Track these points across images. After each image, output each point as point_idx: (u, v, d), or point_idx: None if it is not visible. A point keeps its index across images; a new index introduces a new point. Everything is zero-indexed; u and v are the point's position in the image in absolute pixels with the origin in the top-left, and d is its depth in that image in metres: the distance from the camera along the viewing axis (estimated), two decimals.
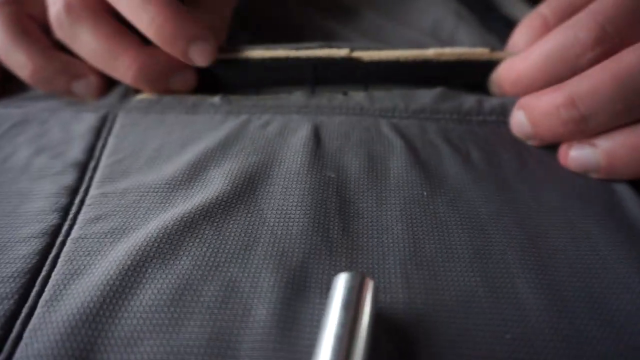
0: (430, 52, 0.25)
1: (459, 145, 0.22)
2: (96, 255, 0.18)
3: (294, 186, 0.20)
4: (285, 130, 0.23)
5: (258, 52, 0.25)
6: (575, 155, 0.21)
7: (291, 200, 0.19)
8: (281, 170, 0.21)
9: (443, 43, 0.34)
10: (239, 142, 0.22)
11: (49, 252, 0.18)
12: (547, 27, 0.24)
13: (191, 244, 0.18)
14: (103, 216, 0.19)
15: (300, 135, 0.22)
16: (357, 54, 0.25)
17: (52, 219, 0.19)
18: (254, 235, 0.18)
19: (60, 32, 0.25)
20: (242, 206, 0.19)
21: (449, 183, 0.20)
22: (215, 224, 0.18)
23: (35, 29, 0.26)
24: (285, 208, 0.19)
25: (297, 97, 0.25)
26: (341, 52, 0.25)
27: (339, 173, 0.21)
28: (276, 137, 0.22)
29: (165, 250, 0.17)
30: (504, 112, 0.24)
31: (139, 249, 0.17)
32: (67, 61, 0.25)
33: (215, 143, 0.22)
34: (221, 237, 0.18)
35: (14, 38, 0.25)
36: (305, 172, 0.21)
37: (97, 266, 0.17)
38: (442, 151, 0.22)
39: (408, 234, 0.18)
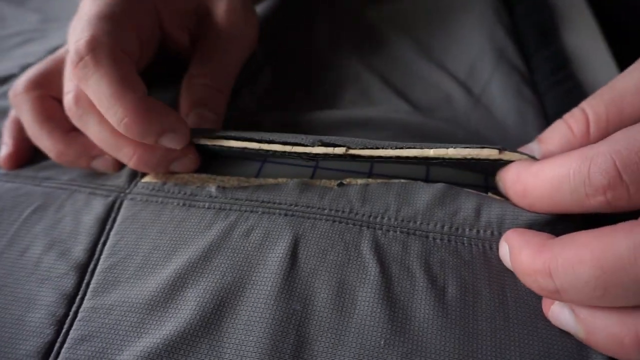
0: (431, 153, 0.24)
1: (437, 275, 0.21)
2: None
3: (258, 319, 0.21)
4: (267, 241, 0.23)
5: (254, 144, 0.25)
6: (556, 313, 0.19)
7: (251, 338, 0.20)
8: (251, 296, 0.21)
9: (472, 98, 0.31)
10: (220, 253, 0.23)
11: None
12: (585, 132, 0.22)
13: None
14: (88, 337, 0.21)
15: (278, 253, 0.23)
16: (354, 152, 0.24)
17: (48, 334, 0.22)
18: None
19: (73, 120, 0.27)
20: (205, 340, 0.20)
21: (412, 329, 0.20)
22: None
23: (57, 112, 0.28)
24: (243, 348, 0.20)
25: (291, 189, 0.25)
26: (337, 150, 0.24)
27: (305, 304, 0.21)
28: (255, 251, 0.23)
29: None
30: (500, 226, 0.22)
31: None
32: (85, 144, 0.28)
33: (198, 253, 0.23)
34: None
35: (40, 125, 0.28)
36: (273, 301, 0.21)
37: None
38: (416, 283, 0.21)
39: None
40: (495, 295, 0.21)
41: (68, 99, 0.26)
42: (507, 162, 0.23)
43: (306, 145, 0.24)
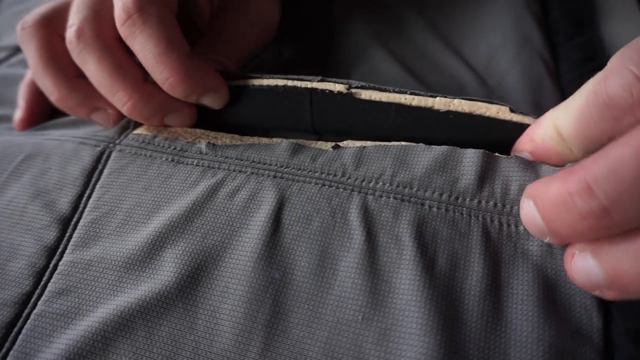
0: (437, 101, 0.22)
1: (428, 245, 0.20)
2: (46, 340, 0.20)
3: (234, 286, 0.20)
4: (251, 203, 0.22)
5: (256, 80, 0.25)
6: (578, 264, 0.17)
7: (226, 305, 0.20)
8: (230, 260, 0.21)
9: (486, 88, 0.29)
10: (203, 214, 0.22)
11: (14, 326, 0.21)
12: None
13: (121, 345, 0.19)
14: (66, 291, 0.21)
15: (261, 217, 0.22)
16: (356, 90, 0.23)
17: (26, 284, 0.22)
18: (178, 344, 0.19)
19: (73, 55, 0.26)
20: (180, 304, 0.20)
21: (393, 303, 0.19)
22: (149, 324, 0.20)
23: (65, 54, 0.26)
24: (217, 314, 0.20)
25: (283, 150, 0.24)
26: (338, 86, 0.23)
27: (284, 272, 0.20)
28: (238, 213, 0.22)
29: (97, 350, 0.19)
30: (504, 198, 0.21)
31: (77, 343, 0.19)
32: (88, 93, 0.27)
33: (180, 213, 0.22)
34: (149, 342, 0.19)
35: (45, 64, 0.27)
36: (252, 267, 0.20)
37: (43, 353, 0.19)
38: (404, 252, 0.20)
39: None
40: (488, 273, 0.19)
41: (70, 32, 0.25)
42: (517, 126, 0.21)
43: (306, 81, 0.24)
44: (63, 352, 0.19)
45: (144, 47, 0.23)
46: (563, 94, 0.29)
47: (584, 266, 0.17)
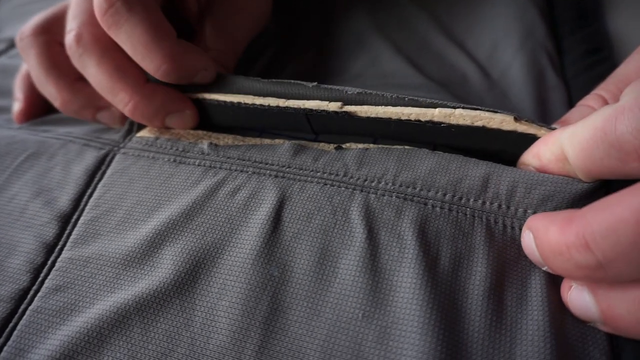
0: (436, 113, 0.22)
1: (431, 243, 0.20)
2: (41, 336, 0.20)
3: (232, 283, 0.20)
4: (251, 202, 0.22)
5: (249, 98, 0.24)
6: (575, 298, 0.17)
7: (224, 302, 0.19)
8: (229, 257, 0.20)
9: (489, 81, 0.29)
10: (203, 212, 0.22)
11: (9, 322, 0.20)
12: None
13: (116, 342, 0.19)
14: (62, 287, 0.21)
15: (261, 215, 0.21)
16: (350, 108, 0.23)
17: (24, 280, 0.21)
18: (174, 341, 0.19)
19: (73, 60, 0.26)
20: (177, 300, 0.20)
21: (394, 301, 0.18)
22: (145, 321, 0.19)
23: (65, 59, 0.27)
24: (214, 312, 0.19)
25: (285, 150, 0.24)
26: (331, 105, 0.23)
27: (283, 270, 0.20)
28: (238, 211, 0.22)
29: (92, 346, 0.19)
30: (509, 200, 0.20)
31: (71, 340, 0.19)
32: (91, 94, 0.27)
33: (180, 211, 0.22)
34: (144, 339, 0.19)
35: (46, 71, 0.27)
36: (250, 265, 0.20)
37: (38, 349, 0.19)
38: (406, 251, 0.19)
39: None
40: (492, 273, 0.19)
41: (69, 38, 0.25)
42: (521, 136, 0.21)
43: (299, 99, 0.23)
44: (57, 348, 0.19)
45: (131, 36, 0.23)
46: (567, 86, 0.28)
47: (580, 300, 0.17)
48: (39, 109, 0.30)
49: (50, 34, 0.28)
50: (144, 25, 0.23)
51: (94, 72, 0.25)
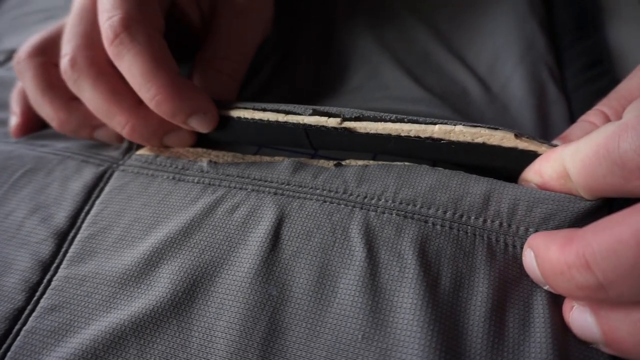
0: (436, 129, 0.21)
1: (432, 263, 0.19)
2: (36, 357, 0.19)
3: (230, 303, 0.19)
4: (250, 219, 0.22)
5: (248, 112, 0.24)
6: (576, 318, 0.17)
7: (221, 322, 0.19)
8: (227, 276, 0.20)
9: (489, 95, 0.29)
10: (201, 230, 0.22)
11: (3, 343, 0.20)
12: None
13: None
14: (58, 307, 0.21)
15: (260, 232, 0.21)
16: (349, 124, 0.22)
17: (19, 300, 0.21)
18: None
19: (69, 84, 0.26)
20: (174, 321, 0.19)
21: (394, 322, 0.18)
22: (142, 342, 0.19)
23: (60, 80, 0.27)
24: (212, 332, 0.19)
25: (285, 168, 0.23)
26: (330, 121, 0.22)
27: (282, 289, 0.20)
28: (237, 229, 0.21)
29: None
30: (510, 218, 0.20)
31: None
32: (87, 113, 0.27)
33: (178, 228, 0.22)
34: None
35: (42, 92, 0.27)
36: (249, 284, 0.20)
37: None
38: (406, 270, 0.19)
39: None
40: (493, 294, 0.19)
41: (64, 62, 0.25)
42: (523, 153, 0.21)
43: (298, 114, 0.23)
44: None
45: (132, 65, 0.23)
46: (568, 99, 0.28)
47: (582, 321, 0.17)
48: (35, 124, 0.29)
49: (45, 55, 0.28)
50: (144, 55, 0.23)
51: (90, 96, 0.25)
